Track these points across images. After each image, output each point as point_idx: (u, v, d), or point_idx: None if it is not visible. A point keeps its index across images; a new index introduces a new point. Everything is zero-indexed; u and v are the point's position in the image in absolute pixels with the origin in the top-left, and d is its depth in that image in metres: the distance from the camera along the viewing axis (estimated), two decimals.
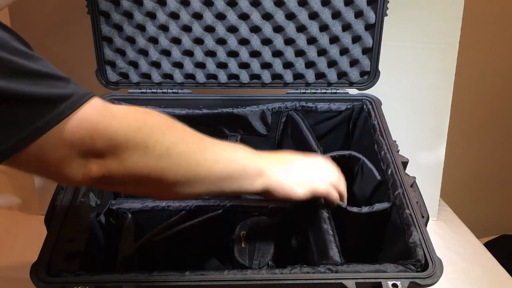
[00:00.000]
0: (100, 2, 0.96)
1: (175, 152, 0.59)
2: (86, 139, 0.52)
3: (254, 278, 0.65)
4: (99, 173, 0.55)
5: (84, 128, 0.51)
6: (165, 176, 0.59)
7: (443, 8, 1.16)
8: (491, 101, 1.70)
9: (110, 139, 0.53)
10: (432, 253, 0.68)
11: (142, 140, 0.56)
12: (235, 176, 0.67)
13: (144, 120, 0.57)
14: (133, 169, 0.56)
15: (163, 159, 0.58)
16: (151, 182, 0.59)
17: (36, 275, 0.64)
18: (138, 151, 0.56)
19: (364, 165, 0.92)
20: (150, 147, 0.57)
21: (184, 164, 0.61)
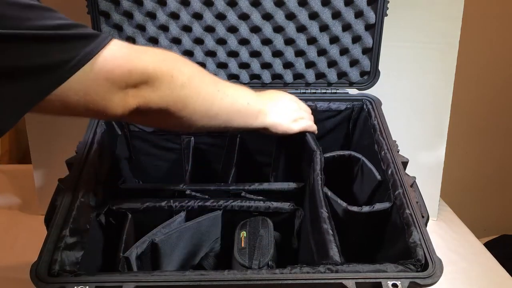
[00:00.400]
0: (100, 2, 0.96)
1: (194, 81, 0.69)
2: (125, 73, 0.60)
3: (254, 278, 0.65)
4: (136, 104, 0.63)
5: (120, 64, 0.60)
6: (187, 104, 0.69)
7: (443, 8, 1.16)
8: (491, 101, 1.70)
9: (143, 71, 0.62)
10: (432, 253, 0.68)
11: (167, 70, 0.65)
12: (242, 111, 0.79)
13: (165, 54, 0.68)
14: (163, 96, 0.65)
15: (185, 87, 0.67)
16: (176, 110, 0.68)
17: (36, 275, 0.64)
18: (166, 80, 0.65)
19: (364, 165, 0.92)
20: (175, 76, 0.66)
21: (202, 93, 0.71)
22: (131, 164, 1.09)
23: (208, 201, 0.91)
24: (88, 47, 0.57)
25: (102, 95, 0.60)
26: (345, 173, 0.97)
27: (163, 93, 0.65)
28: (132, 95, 0.63)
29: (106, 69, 0.59)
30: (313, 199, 0.86)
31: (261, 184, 0.97)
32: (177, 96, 0.67)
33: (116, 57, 0.60)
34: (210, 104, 0.73)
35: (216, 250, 0.95)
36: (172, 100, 0.67)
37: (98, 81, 0.59)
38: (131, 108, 0.64)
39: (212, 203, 0.91)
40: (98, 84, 0.59)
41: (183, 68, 0.68)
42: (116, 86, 0.61)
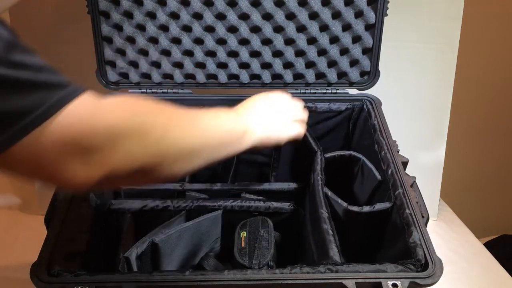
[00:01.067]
0: (100, 2, 0.96)
1: (170, 132, 0.59)
2: (83, 135, 0.49)
3: (254, 278, 0.65)
4: (102, 171, 0.51)
5: (79, 123, 0.48)
6: (167, 157, 0.59)
7: (443, 8, 1.16)
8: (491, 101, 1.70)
9: (107, 130, 0.51)
10: (432, 253, 0.68)
11: (138, 126, 0.54)
12: (226, 140, 0.69)
13: (135, 107, 0.56)
14: (134, 158, 0.54)
15: (161, 141, 0.57)
16: (154, 167, 0.57)
17: (36, 275, 0.64)
18: (137, 138, 0.54)
19: (364, 165, 0.92)
20: (148, 131, 0.55)
21: (181, 142, 0.61)
22: None
23: (208, 201, 0.92)
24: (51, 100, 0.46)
25: (58, 164, 0.48)
26: (345, 173, 0.97)
27: (134, 153, 0.54)
28: (97, 162, 0.51)
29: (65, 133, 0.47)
30: (313, 199, 0.86)
31: (261, 184, 0.97)
32: (152, 153, 0.56)
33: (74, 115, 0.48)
34: (191, 150, 0.62)
35: (216, 250, 0.95)
36: (146, 159, 0.55)
37: (54, 147, 0.47)
38: (95, 177, 0.51)
39: (212, 203, 0.91)
40: (54, 151, 0.47)
41: (157, 119, 0.57)
42: (76, 152, 0.49)
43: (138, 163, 0.55)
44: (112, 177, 0.53)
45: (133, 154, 0.54)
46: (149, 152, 0.56)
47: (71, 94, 0.48)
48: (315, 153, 0.94)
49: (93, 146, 0.50)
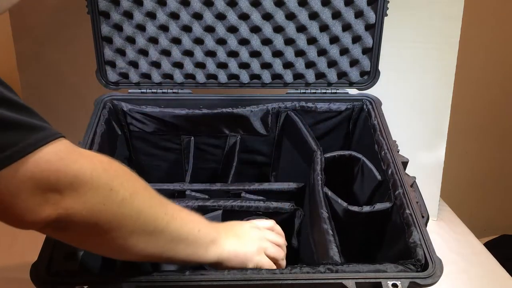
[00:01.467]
0: (100, 2, 0.96)
1: (137, 199, 0.57)
2: (50, 173, 0.49)
3: (254, 278, 0.65)
4: (54, 214, 0.50)
5: (50, 161, 0.48)
6: (124, 224, 0.56)
7: (443, 8, 1.16)
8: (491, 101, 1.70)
9: (75, 175, 0.50)
10: (432, 253, 0.68)
11: (107, 181, 0.54)
12: (190, 239, 0.65)
13: (110, 163, 0.56)
14: (93, 211, 0.53)
15: (125, 204, 0.56)
16: (108, 229, 0.55)
17: (36, 275, 0.64)
18: (101, 192, 0.53)
19: (365, 165, 0.92)
20: (115, 189, 0.54)
21: (145, 214, 0.58)
22: (131, 164, 1.09)
23: (208, 201, 0.91)
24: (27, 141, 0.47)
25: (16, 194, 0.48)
26: (345, 173, 0.97)
27: (95, 206, 0.52)
28: (53, 203, 0.50)
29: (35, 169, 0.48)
30: (313, 199, 0.86)
31: (261, 184, 0.97)
32: (112, 213, 0.54)
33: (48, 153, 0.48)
34: (152, 227, 0.59)
35: None
36: (104, 216, 0.54)
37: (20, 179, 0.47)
38: (46, 218, 0.50)
39: (212, 203, 0.91)
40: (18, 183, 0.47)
41: (127, 183, 0.56)
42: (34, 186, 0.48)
43: (94, 217, 0.53)
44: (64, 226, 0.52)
45: (93, 206, 0.52)
46: (109, 210, 0.54)
47: (49, 137, 0.49)
48: (315, 153, 0.94)
49: (56, 186, 0.49)
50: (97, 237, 0.56)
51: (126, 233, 0.57)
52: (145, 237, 0.59)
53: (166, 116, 1.03)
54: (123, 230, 0.57)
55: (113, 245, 0.58)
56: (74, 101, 1.26)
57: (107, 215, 0.54)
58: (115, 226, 0.56)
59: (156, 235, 0.60)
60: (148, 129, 1.05)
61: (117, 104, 1.01)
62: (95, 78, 1.02)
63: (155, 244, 0.61)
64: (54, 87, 1.26)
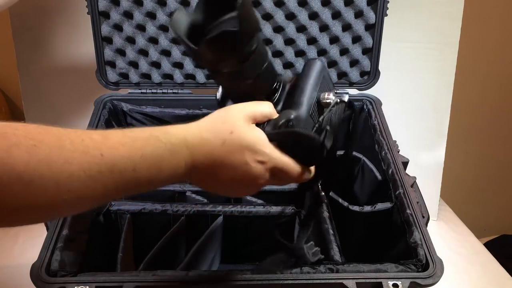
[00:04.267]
0: (100, 2, 0.96)
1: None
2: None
3: (254, 278, 0.65)
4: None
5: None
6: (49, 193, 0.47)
7: (443, 8, 1.16)
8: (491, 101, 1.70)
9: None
10: (432, 253, 0.68)
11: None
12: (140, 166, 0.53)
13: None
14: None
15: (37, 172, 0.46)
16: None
17: (36, 275, 0.64)
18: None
19: (365, 165, 0.92)
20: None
21: (64, 174, 0.48)
22: None
23: (207, 206, 0.91)
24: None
25: None
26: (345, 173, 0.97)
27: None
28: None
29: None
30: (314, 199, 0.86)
31: None
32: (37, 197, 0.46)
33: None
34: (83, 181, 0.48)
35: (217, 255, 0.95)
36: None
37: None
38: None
39: (211, 209, 0.91)
40: None
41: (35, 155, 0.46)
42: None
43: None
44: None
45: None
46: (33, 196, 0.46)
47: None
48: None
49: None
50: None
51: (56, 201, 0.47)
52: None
53: (166, 116, 1.03)
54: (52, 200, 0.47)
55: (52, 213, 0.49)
56: (74, 101, 1.26)
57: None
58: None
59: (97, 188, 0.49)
60: None
61: (117, 104, 1.01)
62: (95, 78, 1.02)
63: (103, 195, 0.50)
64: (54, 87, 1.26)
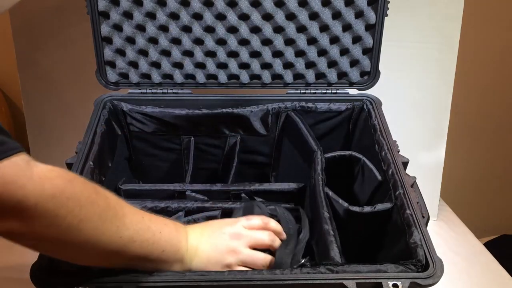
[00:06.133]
0: (99, 2, 0.96)
1: (87, 227, 0.56)
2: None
3: (254, 278, 0.65)
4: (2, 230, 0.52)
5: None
6: (70, 247, 0.57)
7: (443, 8, 1.16)
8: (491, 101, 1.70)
9: (18, 201, 0.50)
10: (432, 253, 0.68)
11: (53, 209, 0.53)
12: (153, 258, 0.64)
13: (63, 188, 0.54)
14: (36, 233, 0.53)
15: (71, 231, 0.55)
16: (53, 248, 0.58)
17: (36, 275, 0.64)
18: (45, 219, 0.52)
19: (365, 166, 0.92)
20: (61, 216, 0.53)
21: (93, 241, 0.58)
22: (131, 164, 1.09)
23: (207, 203, 0.91)
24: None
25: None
26: (345, 173, 0.97)
27: (38, 230, 0.53)
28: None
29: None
30: (314, 199, 0.86)
31: (261, 184, 0.97)
32: (56, 237, 0.55)
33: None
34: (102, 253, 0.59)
35: None
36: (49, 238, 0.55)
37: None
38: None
39: (211, 205, 0.91)
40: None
41: (77, 210, 0.55)
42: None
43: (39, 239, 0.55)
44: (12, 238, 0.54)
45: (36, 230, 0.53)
46: (53, 235, 0.54)
47: (1, 154, 0.49)
48: (315, 153, 0.94)
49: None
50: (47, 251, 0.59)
51: (73, 254, 0.59)
52: (96, 258, 0.61)
53: (166, 116, 1.03)
54: (69, 251, 0.58)
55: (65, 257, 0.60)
56: (74, 101, 1.26)
57: (52, 238, 0.55)
58: (60, 247, 0.57)
59: (108, 257, 0.61)
60: (148, 129, 1.05)
61: (117, 104, 1.01)
62: (95, 78, 1.02)
63: (109, 263, 0.63)
64: (54, 87, 1.26)
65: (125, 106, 1.02)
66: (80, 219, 0.55)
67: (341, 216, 0.85)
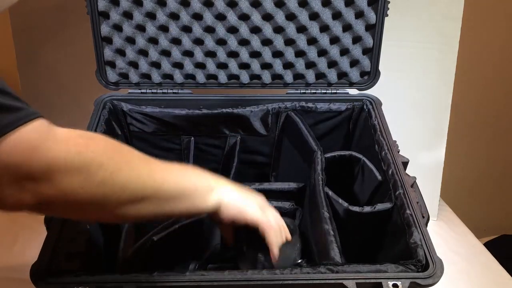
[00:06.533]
0: (99, 3, 0.96)
1: (120, 176, 0.57)
2: (22, 163, 0.49)
3: (254, 278, 0.65)
4: (33, 199, 0.51)
5: (21, 150, 0.48)
6: (108, 201, 0.57)
7: (443, 8, 1.16)
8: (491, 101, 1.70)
9: (47, 163, 0.50)
10: (432, 253, 0.68)
11: (83, 165, 0.53)
12: (186, 194, 0.65)
13: (86, 144, 0.54)
14: (72, 195, 0.53)
15: (105, 184, 0.55)
16: (93, 207, 0.56)
17: (36, 275, 0.64)
18: (78, 176, 0.52)
19: (365, 166, 0.92)
20: (92, 172, 0.53)
21: (130, 188, 0.58)
22: None
23: None
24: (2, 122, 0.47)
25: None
26: (345, 173, 0.97)
27: (72, 191, 0.53)
28: (29, 190, 0.50)
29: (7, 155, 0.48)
30: (314, 199, 0.86)
31: (261, 184, 0.97)
32: (92, 194, 0.54)
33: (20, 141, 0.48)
34: (140, 197, 0.59)
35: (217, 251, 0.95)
36: (84, 198, 0.54)
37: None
38: (26, 204, 0.51)
39: None
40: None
41: (106, 162, 0.55)
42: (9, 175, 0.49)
43: (75, 200, 0.53)
44: (47, 207, 0.53)
45: (70, 190, 0.52)
46: (90, 192, 0.54)
47: (21, 119, 0.48)
48: (315, 153, 0.94)
49: (30, 175, 0.50)
50: (83, 213, 0.58)
51: (112, 207, 0.58)
52: (135, 205, 0.59)
53: (166, 116, 1.03)
54: (108, 206, 0.57)
55: (101, 216, 0.61)
56: (74, 101, 1.26)
57: (87, 197, 0.54)
58: (97, 204, 0.56)
59: (146, 201, 0.60)
60: (148, 129, 1.05)
61: (117, 104, 1.01)
62: (95, 78, 1.02)
63: (147, 209, 0.61)
64: (54, 87, 1.26)
65: (125, 106, 1.02)
66: (111, 171, 0.55)
67: (341, 216, 0.85)
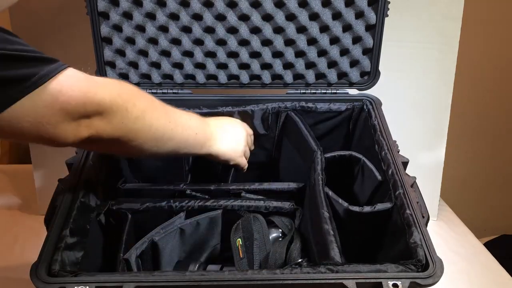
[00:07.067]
0: (99, 3, 0.96)
1: (148, 115, 0.72)
2: (80, 105, 0.61)
3: (254, 278, 0.65)
4: (88, 134, 0.65)
5: (77, 95, 0.61)
6: (139, 135, 0.71)
7: (443, 8, 1.16)
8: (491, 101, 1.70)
9: (98, 104, 0.64)
10: (432, 253, 0.68)
11: (123, 104, 0.67)
12: (190, 140, 0.81)
13: (122, 87, 0.69)
14: (116, 128, 0.67)
15: (138, 120, 0.70)
16: (127, 141, 0.70)
17: (36, 275, 0.64)
18: (120, 113, 0.67)
19: (365, 166, 0.92)
20: (129, 109, 0.68)
21: (155, 125, 0.73)
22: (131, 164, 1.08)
23: (208, 201, 0.91)
24: (44, 70, 0.57)
25: (54, 124, 0.60)
26: (345, 173, 0.97)
27: (116, 125, 0.67)
28: (85, 126, 0.64)
29: (62, 99, 0.59)
30: (314, 199, 0.86)
31: (261, 184, 0.97)
32: (129, 128, 0.69)
33: (73, 88, 0.60)
34: (160, 135, 0.75)
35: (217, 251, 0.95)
36: (124, 132, 0.69)
37: (53, 110, 0.59)
38: (82, 137, 0.64)
39: (212, 203, 0.91)
40: (52, 113, 0.59)
41: (138, 102, 0.70)
42: (70, 116, 0.61)
43: (117, 133, 0.68)
44: (95, 140, 0.67)
45: (114, 125, 0.67)
46: (127, 127, 0.69)
47: (60, 66, 0.60)
48: (315, 153, 0.94)
49: (85, 113, 0.63)
50: (119, 146, 0.71)
51: (141, 141, 0.72)
52: (157, 143, 0.75)
53: None
54: (139, 140, 0.72)
55: (132, 150, 0.73)
56: None
57: (126, 130, 0.69)
58: (132, 138, 0.71)
59: (163, 140, 0.76)
60: None
61: None
62: None
63: (163, 147, 0.77)
64: None
65: None
66: (141, 109, 0.70)
67: (341, 216, 0.85)
